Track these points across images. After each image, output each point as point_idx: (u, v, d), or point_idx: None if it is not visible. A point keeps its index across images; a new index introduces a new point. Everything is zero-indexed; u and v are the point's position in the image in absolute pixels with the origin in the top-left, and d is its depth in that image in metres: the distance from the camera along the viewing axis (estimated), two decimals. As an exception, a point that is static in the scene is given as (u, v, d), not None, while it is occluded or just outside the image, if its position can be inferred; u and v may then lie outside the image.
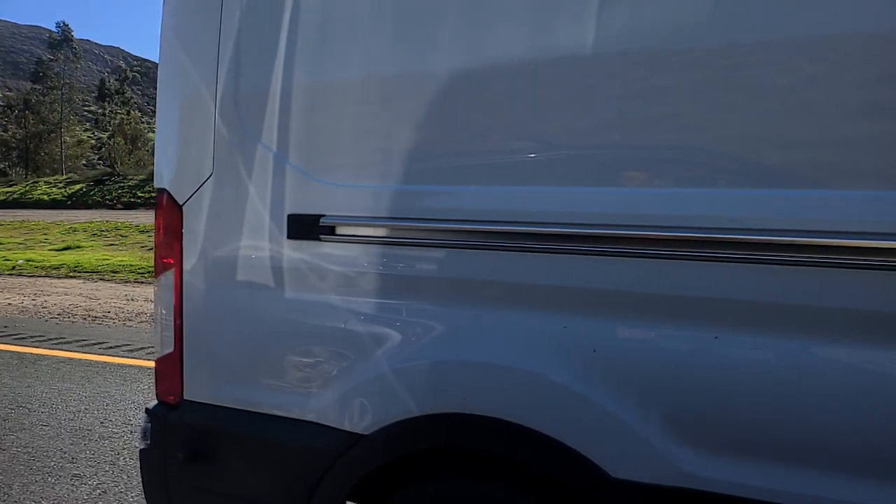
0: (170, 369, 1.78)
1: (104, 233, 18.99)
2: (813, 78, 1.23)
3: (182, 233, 1.74)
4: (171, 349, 1.76)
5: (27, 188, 37.59)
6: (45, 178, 41.35)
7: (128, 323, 7.09)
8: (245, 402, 1.69)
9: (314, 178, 1.61)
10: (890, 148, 1.17)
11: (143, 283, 10.95)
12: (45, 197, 35.65)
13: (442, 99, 1.50)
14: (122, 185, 34.79)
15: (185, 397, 1.76)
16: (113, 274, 11.86)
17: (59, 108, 57.48)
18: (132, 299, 8.97)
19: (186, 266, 1.74)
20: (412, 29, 1.53)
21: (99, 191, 34.97)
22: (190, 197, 1.73)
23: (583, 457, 1.33)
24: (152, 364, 5.12)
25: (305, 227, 1.58)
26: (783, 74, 1.24)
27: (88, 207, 30.32)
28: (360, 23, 1.58)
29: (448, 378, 1.47)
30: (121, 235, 18.38)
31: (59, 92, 58.14)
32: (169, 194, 1.76)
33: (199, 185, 1.72)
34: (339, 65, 1.60)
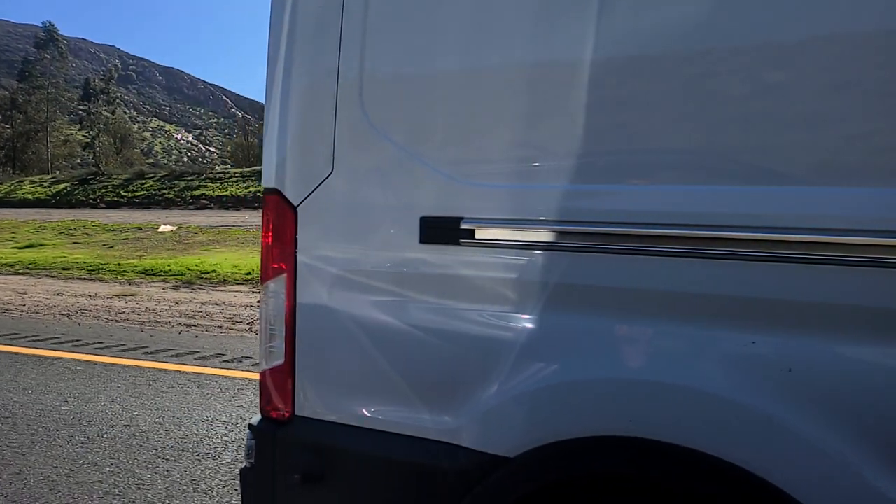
0: (278, 383, 1.64)
1: (71, 231, 19.48)
2: None
3: (296, 237, 1.61)
4: (280, 361, 1.63)
5: (12, 187, 38.00)
6: (31, 178, 41.78)
7: (33, 315, 7.67)
8: (368, 420, 1.56)
9: (451, 178, 1.46)
10: None
11: (86, 279, 11.49)
12: (30, 196, 36.07)
13: (607, 88, 1.35)
14: (106, 184, 35.15)
15: (297, 413, 1.63)
16: (63, 271, 12.38)
17: (44, 108, 58.04)
18: (58, 294, 9.54)
19: (301, 272, 1.60)
20: (576, 12, 1.37)
21: (83, 190, 35.35)
22: (306, 197, 1.60)
23: (777, 489, 1.17)
24: (19, 350, 5.73)
25: (442, 231, 1.45)
26: None
27: (72, 206, 30.76)
28: (513, 4, 1.43)
29: (612, 398, 1.32)
30: (87, 234, 18.87)
31: (45, 91, 58.70)
32: (281, 195, 1.63)
33: (317, 184, 1.59)
34: (487, 50, 1.44)
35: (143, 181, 33.61)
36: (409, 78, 1.53)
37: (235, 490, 3.03)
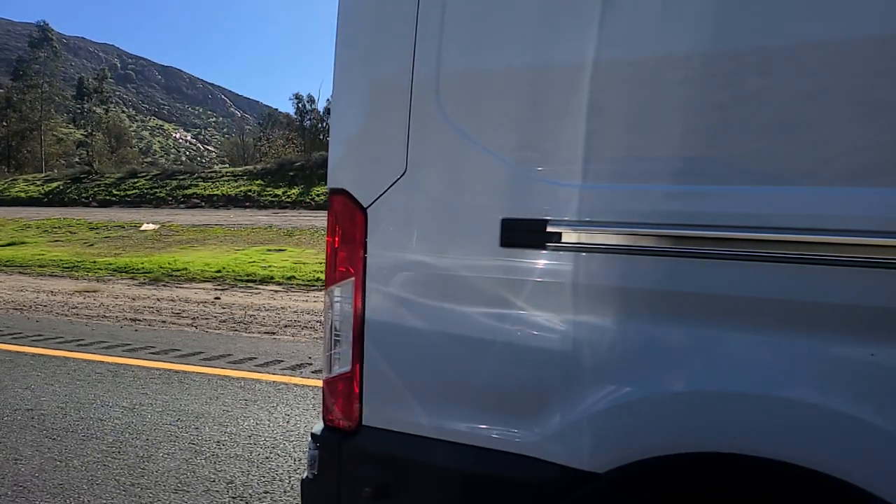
0: (344, 391, 1.59)
1: (55, 229, 19.74)
2: None
3: (366, 240, 1.55)
4: (346, 368, 1.58)
5: (5, 186, 38.30)
6: (24, 176, 42.09)
7: (-13, 310, 7.99)
8: (443, 432, 1.49)
9: (536, 177, 1.39)
10: None
11: (57, 276, 11.77)
12: (23, 194, 36.32)
13: (715, 84, 1.27)
14: (98, 183, 35.42)
15: (365, 423, 1.58)
16: (38, 268, 12.66)
17: (38, 107, 58.53)
18: (21, 290, 9.83)
19: (371, 277, 1.55)
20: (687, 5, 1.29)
21: (76, 188, 35.62)
22: (377, 199, 1.54)
23: None
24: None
25: (525, 234, 1.38)
26: None
27: (65, 205, 31.01)
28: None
29: (713, 412, 1.24)
30: (70, 232, 19.13)
31: (39, 90, 59.17)
32: (349, 196, 1.57)
33: (389, 185, 1.53)
34: (576, 45, 1.36)
35: (136, 180, 33.81)
36: (492, 73, 1.46)
37: (104, 466, 3.32)
